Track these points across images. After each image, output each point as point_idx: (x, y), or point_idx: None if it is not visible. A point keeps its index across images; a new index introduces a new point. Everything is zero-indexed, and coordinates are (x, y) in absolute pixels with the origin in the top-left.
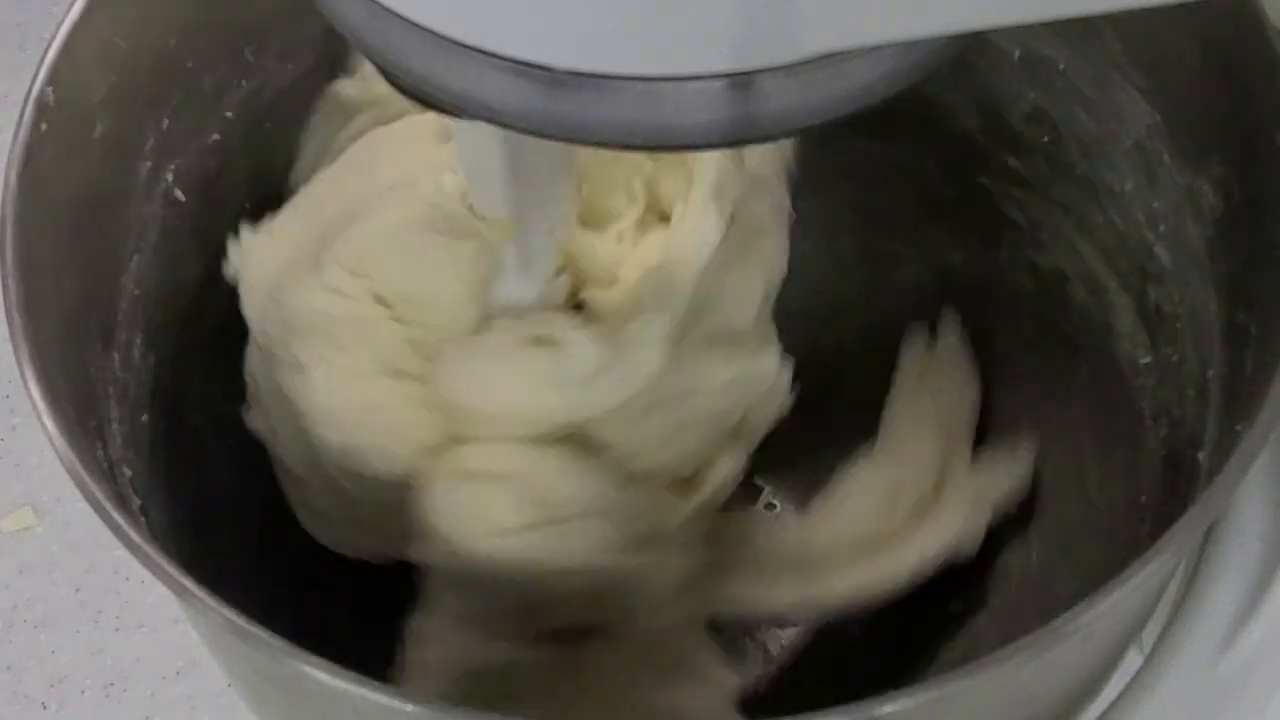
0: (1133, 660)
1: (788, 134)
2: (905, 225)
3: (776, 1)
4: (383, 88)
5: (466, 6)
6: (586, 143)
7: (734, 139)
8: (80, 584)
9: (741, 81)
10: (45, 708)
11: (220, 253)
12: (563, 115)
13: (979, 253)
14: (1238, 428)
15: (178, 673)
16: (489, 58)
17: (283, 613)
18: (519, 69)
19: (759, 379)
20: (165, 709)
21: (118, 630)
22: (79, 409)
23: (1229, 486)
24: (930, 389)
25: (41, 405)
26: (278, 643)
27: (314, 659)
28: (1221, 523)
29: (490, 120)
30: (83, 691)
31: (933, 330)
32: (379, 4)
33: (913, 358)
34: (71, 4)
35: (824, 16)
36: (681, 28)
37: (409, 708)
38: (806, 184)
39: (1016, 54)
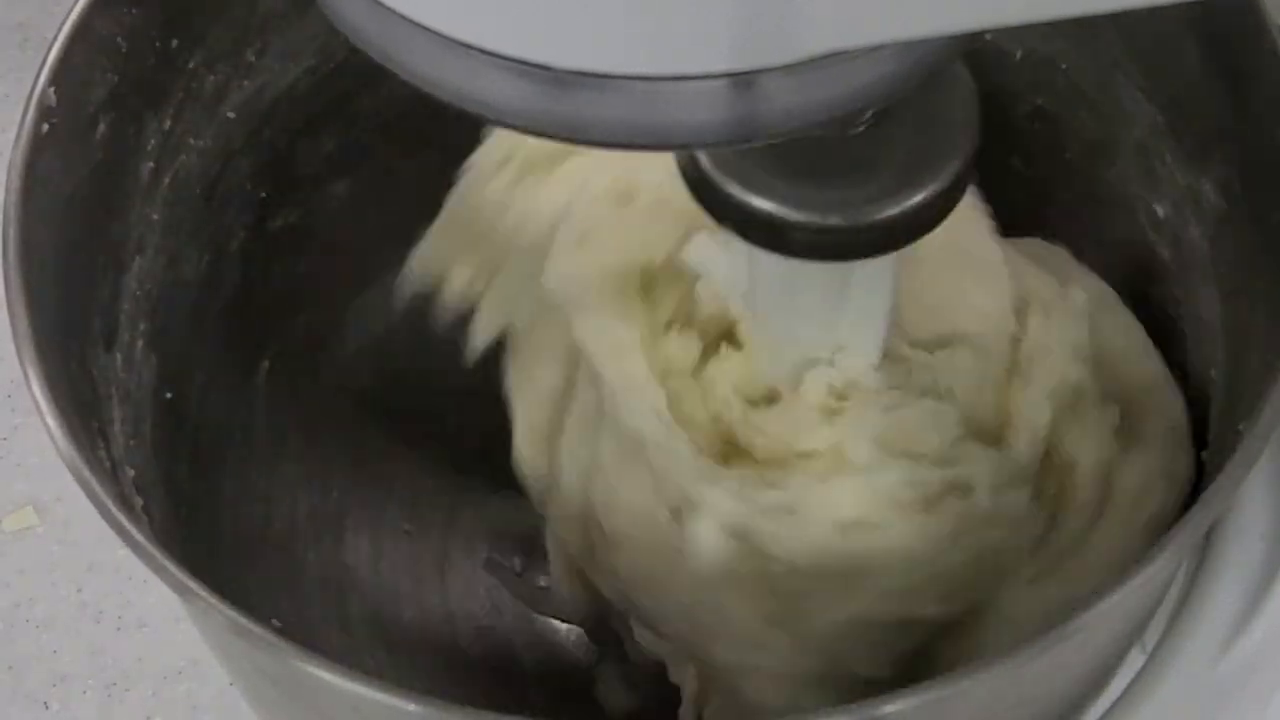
0: (1135, 660)
1: (789, 134)
2: None
3: (777, 1)
4: None
5: (467, 5)
6: (587, 143)
7: (735, 139)
8: (82, 584)
9: (743, 81)
10: (47, 707)
11: (221, 255)
12: (564, 115)
13: None
14: (1240, 427)
15: (179, 672)
16: (490, 57)
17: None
18: (520, 68)
19: None
20: (167, 709)
21: (119, 630)
22: (81, 409)
23: (1231, 486)
24: None
25: (44, 405)
26: (279, 641)
27: (315, 657)
28: (1223, 522)
29: (491, 120)
30: (84, 691)
31: None
32: (380, 3)
33: None
34: (73, 4)
35: (825, 16)
36: (682, 27)
37: (410, 707)
38: None
39: (1018, 54)
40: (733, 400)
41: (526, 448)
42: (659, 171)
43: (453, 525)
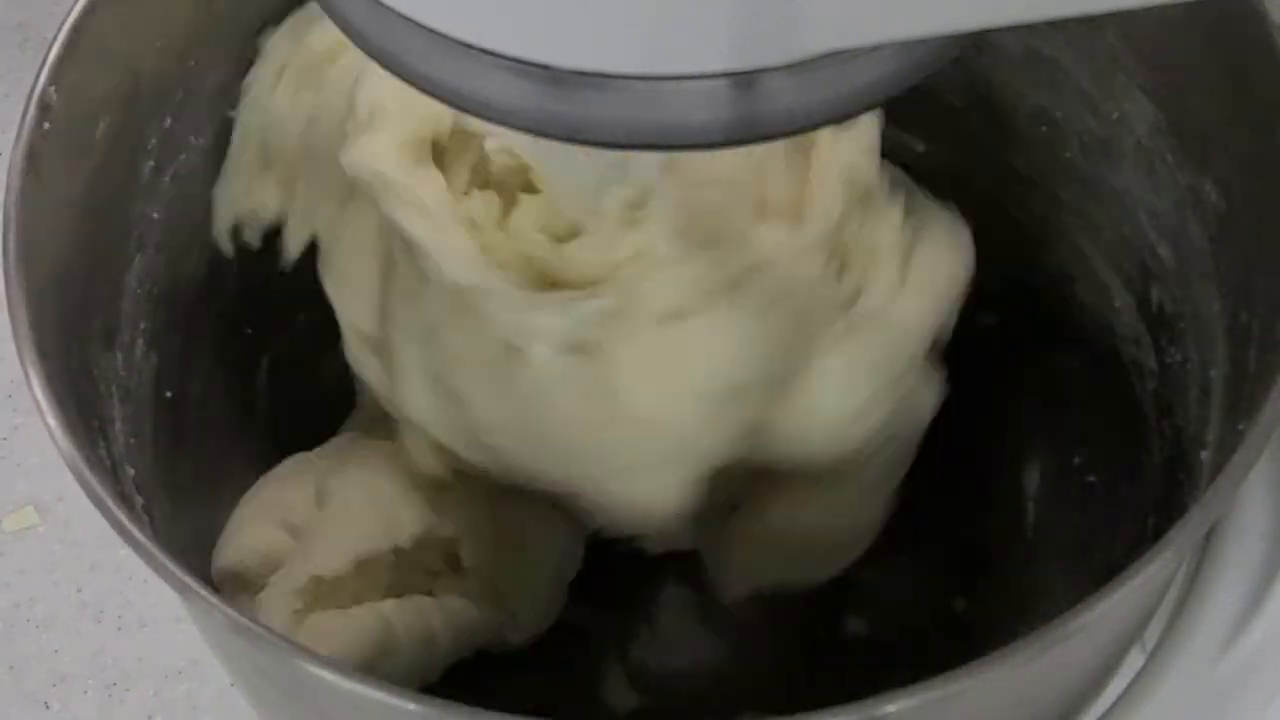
0: (1135, 660)
1: (790, 133)
2: None
3: (778, 0)
4: None
5: (467, 5)
6: (588, 143)
7: (736, 139)
8: (82, 583)
9: (743, 81)
10: (48, 707)
11: (222, 254)
12: (564, 115)
13: (980, 252)
14: (1240, 427)
15: (180, 672)
16: (490, 57)
17: None
18: (520, 68)
19: None
20: (167, 709)
21: (120, 630)
22: (82, 408)
23: (1231, 486)
24: None
25: (45, 404)
26: (279, 640)
27: (315, 657)
28: (1224, 522)
29: (491, 120)
30: (85, 691)
31: None
32: (379, 2)
33: None
34: (74, 3)
35: (826, 15)
36: (683, 27)
37: (410, 706)
38: None
39: (1019, 53)
40: (540, 239)
41: (358, 346)
42: None
43: None
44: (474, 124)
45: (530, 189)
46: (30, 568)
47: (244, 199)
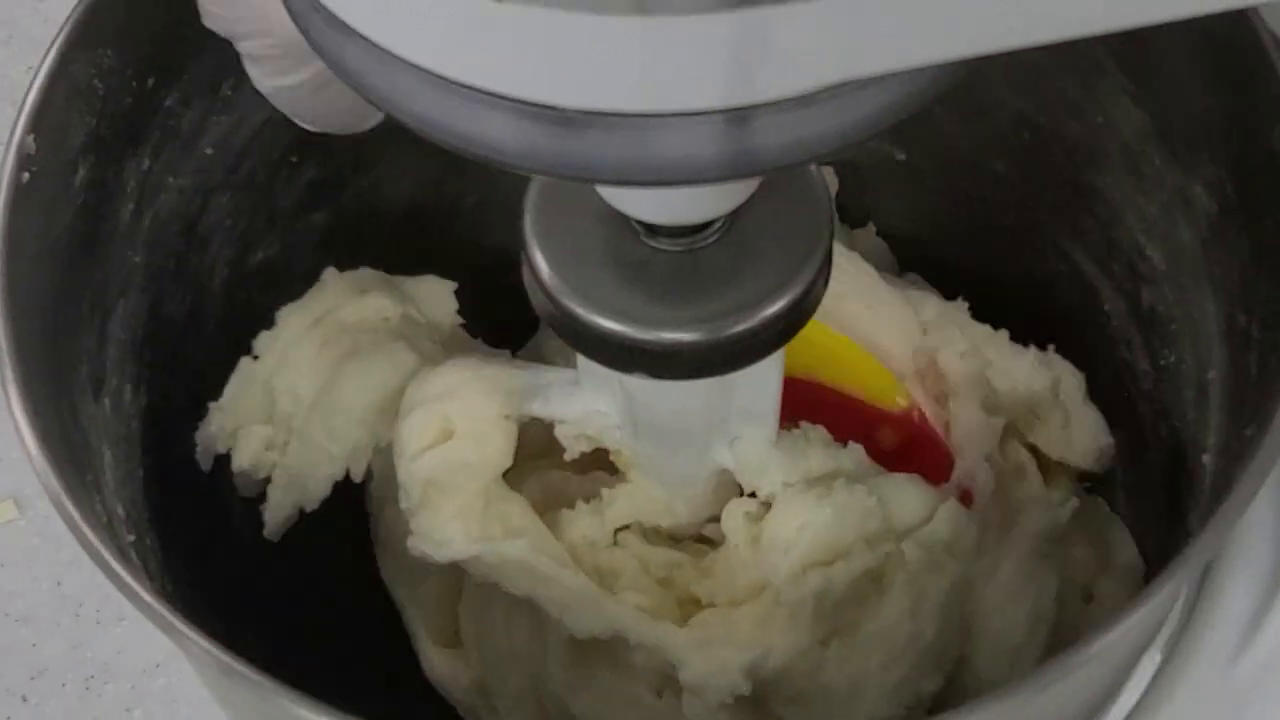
0: (1147, 667)
1: (790, 166)
2: (895, 234)
3: (770, 37)
4: None
5: (469, 49)
6: (589, 180)
7: (735, 172)
8: (61, 577)
9: (739, 116)
10: (25, 700)
11: (204, 292)
12: (561, 153)
13: (967, 257)
14: (1246, 431)
15: (158, 666)
16: (492, 99)
17: (275, 648)
18: (528, 110)
19: None
20: (145, 702)
21: (98, 624)
22: (76, 463)
23: (1248, 496)
24: None
25: (43, 466)
26: (268, 682)
27: (303, 698)
28: None
29: (495, 162)
30: (63, 684)
31: None
32: (381, 48)
33: None
34: (48, 50)
35: (825, 49)
36: (678, 65)
37: None
38: None
39: (1000, 59)
40: (662, 555)
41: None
42: (472, 403)
43: None
44: (539, 411)
45: (613, 470)
46: (9, 561)
47: (222, 443)
